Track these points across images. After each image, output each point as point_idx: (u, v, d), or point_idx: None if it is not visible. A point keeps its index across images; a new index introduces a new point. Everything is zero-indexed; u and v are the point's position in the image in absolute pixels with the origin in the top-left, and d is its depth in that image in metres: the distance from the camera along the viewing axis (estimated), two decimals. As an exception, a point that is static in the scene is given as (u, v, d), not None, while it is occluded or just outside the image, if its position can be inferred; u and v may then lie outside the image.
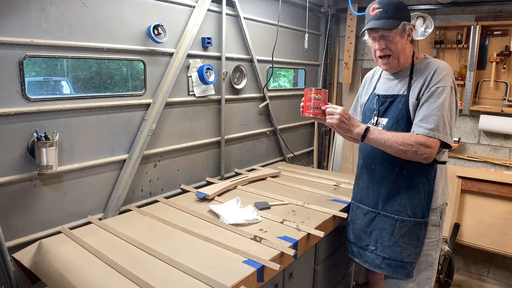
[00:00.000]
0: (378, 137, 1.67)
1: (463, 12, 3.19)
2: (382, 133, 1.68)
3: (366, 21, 1.73)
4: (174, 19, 2.23)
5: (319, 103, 1.77)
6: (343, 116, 1.67)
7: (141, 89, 2.14)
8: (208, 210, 2.02)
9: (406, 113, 1.73)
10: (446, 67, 1.71)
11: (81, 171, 1.89)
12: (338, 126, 1.69)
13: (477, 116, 3.18)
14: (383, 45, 1.71)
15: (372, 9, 1.70)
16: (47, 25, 1.67)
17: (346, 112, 1.69)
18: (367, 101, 1.97)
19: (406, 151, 1.63)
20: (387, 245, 1.84)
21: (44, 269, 1.58)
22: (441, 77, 1.66)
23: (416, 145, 1.62)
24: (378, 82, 1.94)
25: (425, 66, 1.75)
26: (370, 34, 1.74)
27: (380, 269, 1.88)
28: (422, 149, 1.62)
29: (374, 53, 1.79)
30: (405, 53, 1.76)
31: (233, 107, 2.78)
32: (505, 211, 2.91)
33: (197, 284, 1.34)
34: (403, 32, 1.71)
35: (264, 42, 2.95)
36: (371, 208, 1.89)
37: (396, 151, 1.66)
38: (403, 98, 1.75)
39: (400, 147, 1.63)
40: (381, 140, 1.66)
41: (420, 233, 1.79)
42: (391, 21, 1.66)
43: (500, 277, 3.26)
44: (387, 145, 1.66)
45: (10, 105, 1.59)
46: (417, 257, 1.80)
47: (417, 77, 1.75)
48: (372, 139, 1.68)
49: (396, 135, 1.65)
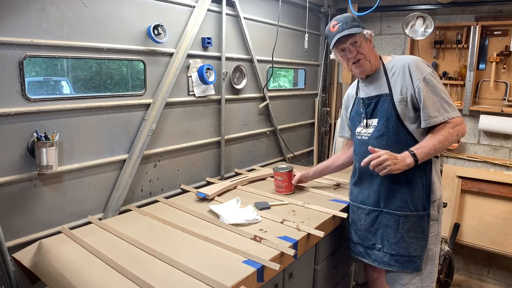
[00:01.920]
0: (427, 152, 1.75)
1: (463, 12, 3.19)
2: (425, 147, 1.75)
3: (330, 39, 1.85)
4: (174, 19, 2.23)
5: (282, 183, 2.31)
6: (392, 157, 1.72)
7: (141, 89, 2.14)
8: (208, 210, 2.02)
9: (394, 110, 1.81)
10: (415, 58, 1.84)
11: (81, 171, 1.89)
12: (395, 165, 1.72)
13: (477, 116, 3.18)
14: (354, 51, 1.82)
15: (332, 26, 1.84)
16: (47, 25, 1.67)
17: (387, 152, 1.72)
18: (353, 106, 2.04)
19: (451, 141, 1.77)
20: (393, 242, 1.86)
21: (44, 269, 1.58)
22: (418, 68, 1.78)
23: (454, 130, 1.75)
24: (358, 92, 2.02)
25: (395, 64, 1.87)
26: (339, 47, 1.84)
27: (390, 266, 1.90)
28: (459, 129, 1.76)
29: (346, 63, 1.89)
30: (373, 56, 1.88)
31: (233, 107, 2.78)
32: (505, 211, 2.91)
33: (197, 284, 1.34)
34: (366, 37, 1.84)
35: (264, 42, 2.95)
36: (373, 207, 1.91)
37: (445, 147, 1.78)
38: (387, 97, 1.84)
39: (446, 142, 1.74)
40: (429, 151, 1.75)
41: (424, 226, 1.84)
42: (354, 29, 1.79)
43: (500, 277, 3.26)
44: (437, 151, 1.77)
45: (10, 105, 1.59)
46: (424, 250, 1.85)
47: (392, 74, 1.86)
48: (424, 157, 1.75)
49: (435, 137, 1.75)
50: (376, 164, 1.72)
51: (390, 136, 1.83)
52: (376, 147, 1.82)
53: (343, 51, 1.85)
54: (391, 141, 1.82)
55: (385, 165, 1.70)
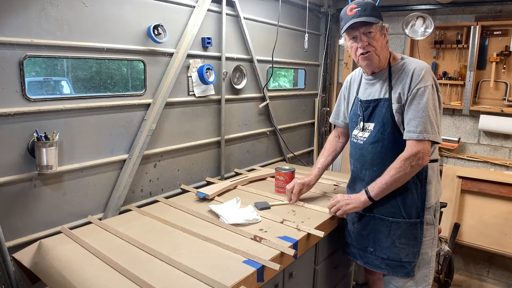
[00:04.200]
0: (380, 188, 1.74)
1: (463, 12, 3.19)
2: (378, 182, 1.75)
3: (344, 22, 1.73)
4: (174, 19, 2.23)
5: (283, 183, 2.28)
6: (344, 199, 1.87)
7: (141, 89, 2.14)
8: (208, 210, 2.02)
9: (391, 116, 1.75)
10: (423, 66, 1.73)
11: (81, 171, 1.89)
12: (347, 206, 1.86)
13: (477, 116, 3.18)
14: (366, 41, 1.71)
15: (350, 9, 1.70)
16: (47, 25, 1.66)
17: (341, 195, 1.92)
18: (352, 106, 1.99)
19: (406, 173, 1.70)
20: (384, 246, 1.85)
21: (44, 269, 1.58)
22: (420, 78, 1.68)
23: (406, 162, 1.67)
24: (359, 86, 1.95)
25: (402, 67, 1.77)
26: (351, 33, 1.74)
27: (380, 269, 1.89)
28: (413, 160, 1.67)
29: (354, 53, 1.78)
30: (384, 52, 1.78)
31: (233, 107, 2.78)
32: (505, 211, 2.91)
33: (197, 284, 1.34)
34: (382, 30, 1.74)
35: (264, 42, 2.95)
36: (366, 212, 1.89)
37: (401, 180, 1.71)
38: (386, 102, 1.77)
39: (398, 175, 1.69)
40: (382, 186, 1.73)
41: (416, 233, 1.80)
42: (372, 18, 1.67)
43: (500, 277, 3.26)
44: (392, 185, 1.72)
45: (10, 105, 1.59)
46: (416, 256, 1.81)
47: (396, 79, 1.77)
48: (378, 193, 1.75)
49: (388, 171, 1.72)
50: (330, 206, 1.92)
51: (385, 143, 1.78)
52: (370, 153, 1.83)
53: (354, 38, 1.74)
54: (386, 148, 1.79)
55: (337, 206, 1.87)
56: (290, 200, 2.13)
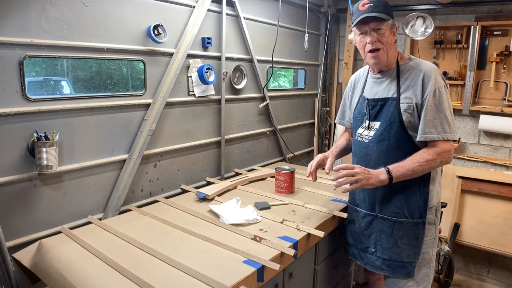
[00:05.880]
0: (403, 172, 1.70)
1: (463, 12, 3.19)
2: (403, 166, 1.70)
3: (355, 17, 1.73)
4: (174, 19, 2.23)
5: (283, 183, 2.31)
6: (364, 172, 1.69)
7: (141, 89, 2.14)
8: (208, 210, 2.02)
9: (398, 115, 1.74)
10: (433, 67, 1.75)
11: (81, 171, 1.89)
12: (367, 180, 1.68)
13: (477, 116, 3.18)
14: (375, 37, 1.71)
15: (362, 4, 1.71)
16: (47, 25, 1.66)
17: (360, 166, 1.71)
18: (357, 105, 1.97)
19: (433, 166, 1.71)
20: (386, 247, 1.84)
21: (44, 269, 1.58)
22: (432, 80, 1.70)
23: (438, 156, 1.69)
24: (365, 85, 1.95)
25: (411, 68, 1.77)
26: (361, 28, 1.74)
27: (381, 270, 1.89)
28: (444, 156, 1.69)
29: (362, 48, 1.78)
30: (393, 50, 1.78)
31: (233, 107, 2.78)
32: (505, 211, 2.91)
33: (197, 284, 1.34)
34: (392, 28, 1.75)
35: (264, 42, 2.95)
36: (368, 211, 1.89)
37: (424, 172, 1.71)
38: (394, 101, 1.77)
39: (427, 167, 1.69)
40: (406, 172, 1.70)
41: (418, 233, 1.80)
42: (383, 14, 1.68)
43: (500, 277, 3.26)
44: (415, 173, 1.70)
45: (10, 105, 1.59)
46: (416, 257, 1.82)
47: (404, 79, 1.77)
48: (400, 177, 1.70)
49: (415, 158, 1.69)
50: (348, 174, 1.68)
51: (391, 142, 1.77)
52: (376, 151, 1.81)
53: (364, 34, 1.74)
54: (392, 147, 1.78)
55: (357, 178, 1.66)
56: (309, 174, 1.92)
